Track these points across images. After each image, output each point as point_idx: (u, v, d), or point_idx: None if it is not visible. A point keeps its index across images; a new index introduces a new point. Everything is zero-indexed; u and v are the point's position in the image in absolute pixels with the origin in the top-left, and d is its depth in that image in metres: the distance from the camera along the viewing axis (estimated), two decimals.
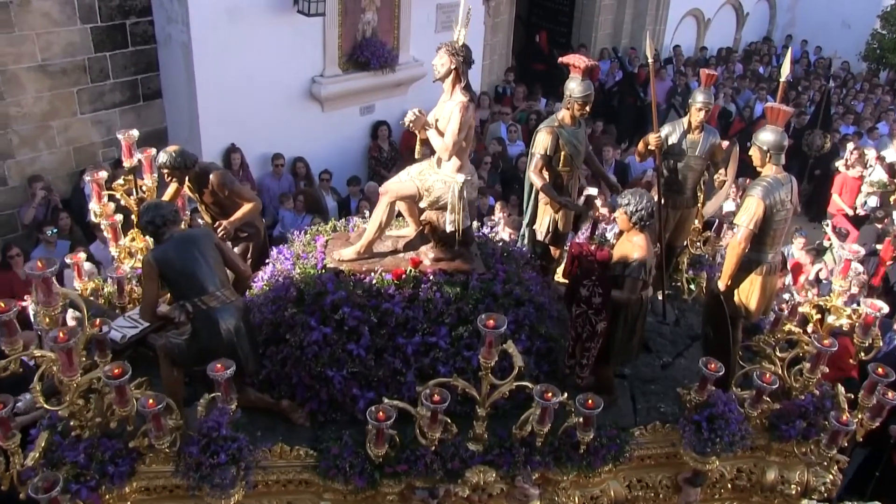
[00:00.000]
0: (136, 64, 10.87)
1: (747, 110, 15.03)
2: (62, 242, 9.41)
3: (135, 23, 10.66)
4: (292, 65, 11.60)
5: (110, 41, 10.51)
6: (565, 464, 5.12)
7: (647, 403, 5.61)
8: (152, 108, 11.27)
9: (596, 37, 17.06)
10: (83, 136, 10.64)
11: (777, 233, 5.37)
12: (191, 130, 11.15)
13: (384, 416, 4.64)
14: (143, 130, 11.09)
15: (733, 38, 20.51)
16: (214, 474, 4.51)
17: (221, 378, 4.50)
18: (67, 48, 10.15)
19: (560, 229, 6.00)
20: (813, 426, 5.31)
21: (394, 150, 12.93)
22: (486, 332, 4.55)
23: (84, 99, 10.52)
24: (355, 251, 5.37)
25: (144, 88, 11.08)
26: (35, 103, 10.11)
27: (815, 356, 5.23)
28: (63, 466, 4.55)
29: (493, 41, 14.41)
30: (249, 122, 11.31)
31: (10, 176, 10.20)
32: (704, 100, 6.05)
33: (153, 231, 4.81)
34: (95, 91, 10.60)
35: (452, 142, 5.04)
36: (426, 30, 13.03)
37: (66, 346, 4.32)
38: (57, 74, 10.17)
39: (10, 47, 9.68)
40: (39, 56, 9.95)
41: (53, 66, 10.11)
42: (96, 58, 10.46)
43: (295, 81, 11.82)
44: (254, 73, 11.06)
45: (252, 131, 11.41)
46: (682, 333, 6.31)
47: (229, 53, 10.73)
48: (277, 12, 11.04)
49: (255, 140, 11.54)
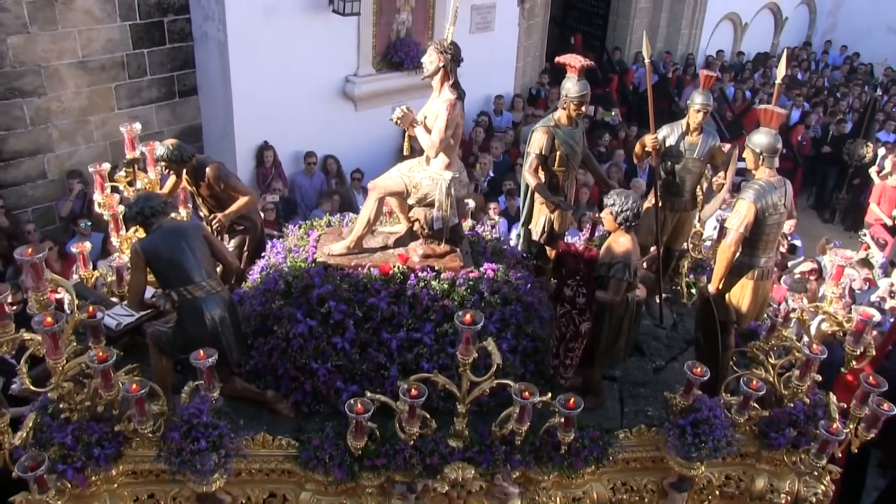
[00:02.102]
0: (173, 61, 11.05)
1: None
2: (97, 234, 9.59)
3: (172, 20, 10.83)
4: (326, 64, 11.70)
5: (148, 38, 10.70)
6: (546, 464, 5.05)
7: (636, 407, 5.51)
8: (188, 105, 11.44)
9: (630, 40, 16.85)
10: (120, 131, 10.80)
11: (770, 237, 5.23)
12: (225, 127, 11.30)
13: (362, 408, 4.63)
14: (178, 126, 11.46)
15: (770, 43, 20.07)
16: (195, 460, 4.54)
17: (203, 366, 4.54)
18: (107, 45, 10.36)
19: (556, 229, 5.92)
20: (803, 435, 5.17)
21: None
22: (463, 329, 4.51)
23: (122, 94, 10.72)
24: (345, 246, 5.38)
25: (180, 85, 11.25)
26: (74, 98, 10.34)
27: (804, 363, 5.07)
28: (51, 447, 4.62)
29: (528, 43, 14.32)
30: (283, 120, 11.42)
31: (50, 169, 10.43)
32: (703, 101, 5.92)
33: (142, 221, 4.88)
34: (133, 87, 10.80)
35: (439, 139, 5.02)
36: (461, 30, 12.83)
37: (50, 330, 4.41)
38: (96, 70, 10.39)
39: (53, 44, 9.91)
40: (80, 52, 10.17)
41: (93, 62, 10.32)
42: (134, 54, 10.66)
43: (329, 80, 11.93)
44: (288, 71, 11.18)
45: (285, 129, 11.52)
46: (678, 338, 6.18)
47: (264, 52, 10.85)
48: (313, 11, 11.16)
49: (288, 138, 11.64)
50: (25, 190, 10.28)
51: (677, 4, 16.98)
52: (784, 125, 14.29)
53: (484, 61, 13.43)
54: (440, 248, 5.36)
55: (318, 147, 11.91)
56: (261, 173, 11.52)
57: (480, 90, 13.83)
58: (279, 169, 11.69)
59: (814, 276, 8.86)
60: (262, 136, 11.46)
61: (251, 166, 11.57)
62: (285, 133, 11.55)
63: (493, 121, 13.68)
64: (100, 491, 4.85)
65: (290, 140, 11.72)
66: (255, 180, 11.54)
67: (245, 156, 11.48)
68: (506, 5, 13.45)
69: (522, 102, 14.25)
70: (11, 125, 9.91)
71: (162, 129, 11.18)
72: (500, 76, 14.21)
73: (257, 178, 11.53)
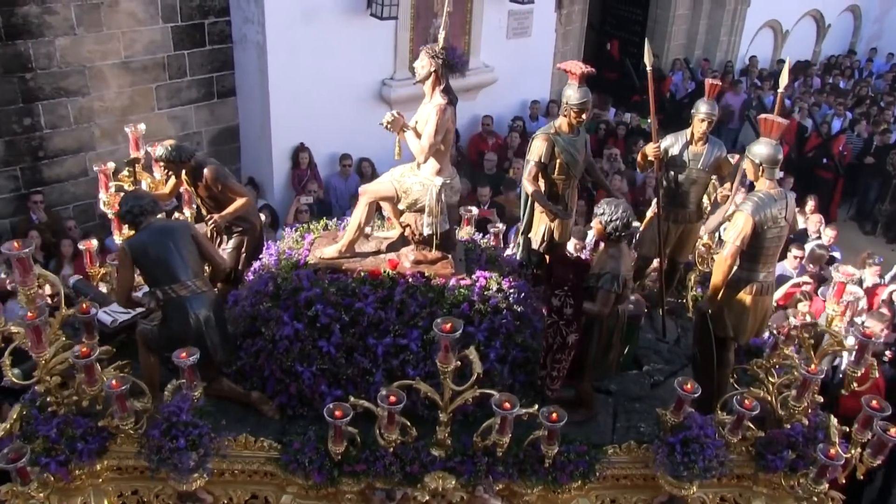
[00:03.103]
0: (213, 62, 11.04)
1: (824, 126, 14.10)
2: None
3: (213, 22, 10.82)
4: (363, 67, 11.57)
5: (189, 40, 10.69)
6: (530, 477, 4.83)
7: (628, 422, 5.24)
8: (226, 106, 11.41)
9: (668, 47, 16.40)
10: (160, 130, 10.80)
11: (770, 251, 4.93)
12: (262, 128, 11.26)
13: (342, 413, 4.49)
14: (216, 127, 11.46)
15: (812, 51, 19.32)
16: (173, 458, 4.46)
17: (184, 365, 4.47)
18: (149, 46, 10.39)
19: (556, 238, 5.69)
20: (802, 458, 4.86)
21: (460, 154, 12.72)
22: (441, 337, 4.32)
23: (162, 95, 10.74)
24: (336, 250, 5.23)
25: (219, 86, 11.23)
26: (117, 98, 10.39)
27: (801, 383, 4.76)
28: (36, 440, 4.58)
29: (564, 49, 14.02)
30: (319, 122, 11.32)
31: (91, 167, 10.46)
32: (707, 110, 5.63)
33: (131, 220, 4.83)
34: (173, 87, 10.81)
35: (428, 144, 4.84)
36: (497, 35, 12.82)
37: (32, 325, 4.37)
38: (138, 71, 10.42)
39: (97, 45, 9.98)
40: (123, 53, 10.21)
41: (135, 62, 10.36)
42: (175, 55, 10.65)
43: (365, 83, 11.78)
44: (325, 73, 11.08)
45: (321, 131, 11.42)
46: (680, 353, 5.89)
47: (302, 54, 10.77)
48: (351, 15, 11.05)
49: (324, 140, 11.55)
50: (67, 187, 10.38)
51: (716, 11, 16.45)
52: (826, 134, 13.86)
53: (520, 66, 13.26)
54: (432, 255, 5.18)
55: (353, 150, 11.79)
56: (296, 175, 11.46)
57: (516, 95, 13.62)
58: (315, 171, 11.61)
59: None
60: (299, 137, 11.39)
61: (287, 167, 11.52)
62: (321, 135, 11.46)
63: (528, 126, 13.43)
64: (84, 485, 4.80)
65: (325, 142, 11.63)
66: (290, 181, 11.51)
67: (281, 157, 11.43)
68: (543, 11, 13.19)
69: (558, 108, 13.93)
70: (56, 124, 10.01)
71: (200, 130, 11.21)
72: (536, 81, 13.94)
73: (292, 180, 11.48)
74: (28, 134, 9.84)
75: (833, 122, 14.28)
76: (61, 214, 10.22)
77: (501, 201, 10.68)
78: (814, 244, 9.74)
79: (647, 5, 16.49)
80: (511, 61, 12.94)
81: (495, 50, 12.64)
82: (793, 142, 13.80)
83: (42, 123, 9.90)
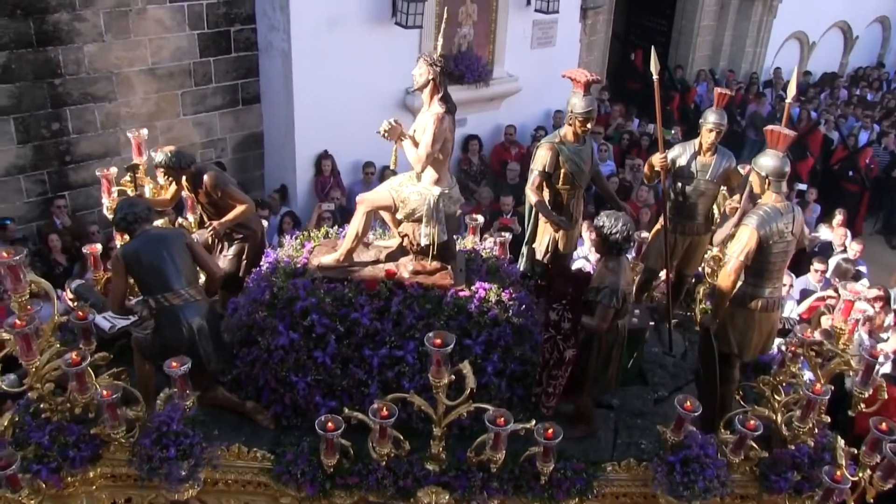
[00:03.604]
0: (238, 69, 11.01)
1: (851, 139, 13.70)
2: None
3: (239, 30, 10.80)
4: (387, 75, 11.38)
5: (215, 47, 10.68)
6: (525, 493, 4.64)
7: (629, 439, 5.03)
8: (251, 113, 11.38)
9: (693, 58, 16.14)
10: (185, 136, 10.82)
11: (776, 266, 4.70)
12: (286, 135, 11.20)
13: (333, 426, 4.35)
14: (240, 133, 11.43)
15: (839, 63, 18.86)
16: (163, 467, 4.36)
17: (175, 374, 4.35)
18: (175, 53, 10.39)
19: (560, 249, 5.49)
20: (807, 479, 4.61)
21: (484, 163, 12.57)
22: (433, 351, 4.16)
23: (187, 101, 10.73)
24: (335, 259, 5.08)
25: (244, 93, 11.20)
26: (143, 104, 10.39)
27: (806, 404, 4.51)
28: (28, 446, 4.49)
29: (588, 59, 13.81)
30: (343, 130, 11.19)
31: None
32: (716, 120, 5.41)
33: (125, 227, 4.74)
34: (198, 94, 10.80)
35: (426, 153, 4.68)
36: (522, 45, 12.64)
37: (21, 332, 4.28)
38: (164, 77, 10.42)
39: (125, 52, 10.00)
40: (150, 60, 10.22)
41: (162, 69, 10.36)
42: (201, 62, 10.66)
43: (389, 91, 11.63)
44: (350, 81, 10.97)
45: (345, 139, 11.29)
46: (686, 367, 5.65)
47: (327, 62, 10.69)
48: (375, 23, 10.96)
49: (347, 147, 11.43)
50: (92, 191, 10.34)
51: (742, 23, 16.16)
52: (853, 147, 13.47)
53: (544, 76, 13.00)
54: (430, 265, 5.01)
55: (376, 157, 11.63)
56: (319, 182, 11.38)
57: (540, 105, 13.40)
58: (338, 178, 11.51)
59: (879, 304, 8.12)
60: (322, 144, 11.30)
61: (310, 174, 11.44)
62: (345, 142, 11.34)
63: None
64: (78, 492, 4.69)
65: (349, 150, 11.51)
66: (313, 188, 11.43)
67: (305, 164, 11.36)
68: (567, 21, 12.98)
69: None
70: (83, 129, 10.04)
71: (224, 136, 11.20)
72: (560, 91, 13.50)
73: (316, 187, 11.40)
74: (56, 139, 9.88)
75: (860, 135, 13.88)
76: (86, 219, 10.22)
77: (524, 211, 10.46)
78: (839, 258, 9.42)
79: (672, 16, 16.26)
80: (535, 71, 12.75)
81: (519, 59, 12.46)
82: (819, 154, 13.44)
83: (69, 128, 9.94)
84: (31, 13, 9.19)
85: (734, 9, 16.14)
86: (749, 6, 16.10)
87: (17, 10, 9.08)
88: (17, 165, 9.69)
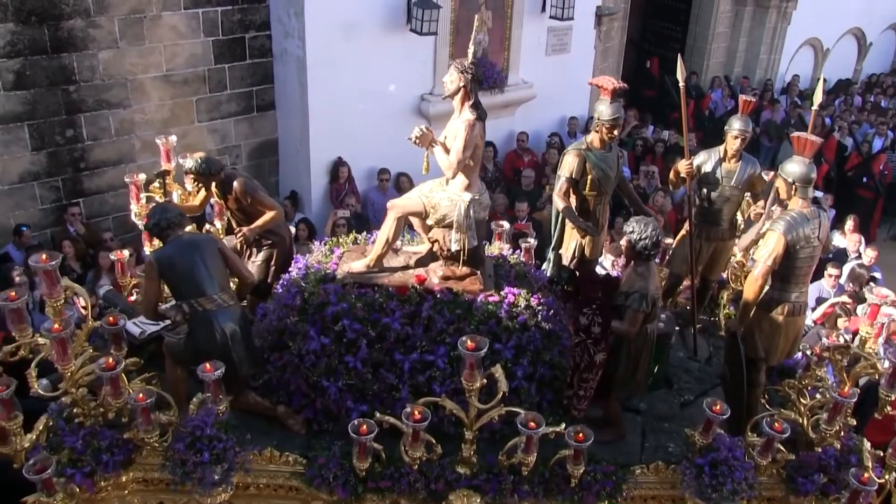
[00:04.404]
0: (253, 76, 11.13)
1: (865, 145, 13.82)
2: None
3: (253, 37, 10.92)
4: (402, 82, 11.57)
5: (230, 54, 10.81)
6: (556, 496, 4.75)
7: (657, 442, 5.14)
8: (265, 119, 11.50)
9: (708, 65, 16.29)
10: (199, 143, 10.92)
11: (802, 271, 4.82)
12: (301, 142, 11.31)
13: (366, 430, 4.45)
14: (255, 140, 11.55)
15: (853, 70, 19.00)
16: (197, 471, 4.46)
17: (209, 379, 4.46)
18: (190, 59, 10.51)
19: (587, 255, 5.61)
20: (834, 482, 4.72)
21: (498, 170, 12.67)
22: (466, 355, 4.28)
23: (202, 108, 10.85)
24: (365, 264, 5.20)
25: (259, 100, 11.31)
26: (157, 111, 10.51)
27: (832, 407, 4.62)
28: (62, 451, 4.59)
29: (603, 66, 13.93)
30: (358, 137, 11.33)
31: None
32: (741, 127, 5.53)
33: (158, 233, 4.84)
34: (213, 101, 10.92)
35: (457, 160, 4.79)
36: (537, 52, 12.77)
37: (58, 337, 4.39)
38: (179, 84, 10.54)
39: (140, 58, 10.12)
40: (164, 66, 10.34)
41: (176, 76, 10.48)
42: (216, 69, 10.77)
43: (404, 98, 11.78)
44: (365, 88, 11.11)
45: (360, 145, 11.42)
46: (711, 372, 5.77)
47: (342, 69, 10.81)
48: (390, 30, 11.07)
49: (362, 154, 11.55)
50: (107, 198, 10.50)
51: (756, 29, 16.34)
52: (867, 153, 13.58)
53: (559, 83, 13.17)
54: (460, 270, 5.13)
55: (391, 164, 11.77)
56: (334, 189, 11.49)
57: (555, 111, 13.55)
58: (353, 185, 11.61)
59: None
60: (337, 151, 11.42)
61: (325, 181, 11.55)
62: (360, 149, 11.47)
63: (565, 142, 13.34)
64: (110, 496, 4.79)
65: (364, 156, 11.63)
66: (328, 195, 11.54)
67: (320, 171, 11.46)
68: (582, 27, 13.12)
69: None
70: (98, 136, 10.16)
71: (239, 143, 11.31)
72: (574, 98, 13.85)
73: (330, 194, 11.51)
74: (70, 145, 9.99)
75: (874, 142, 14.00)
76: (101, 226, 10.34)
77: (539, 217, 10.60)
78: (854, 263, 9.53)
79: (686, 23, 16.42)
80: (550, 78, 12.89)
81: (534, 66, 12.59)
82: (833, 161, 13.55)
83: (84, 135, 10.05)
84: (46, 20, 9.32)
85: (749, 15, 16.32)
86: (763, 13, 16.28)
87: (31, 17, 9.20)
88: (31, 172, 9.80)
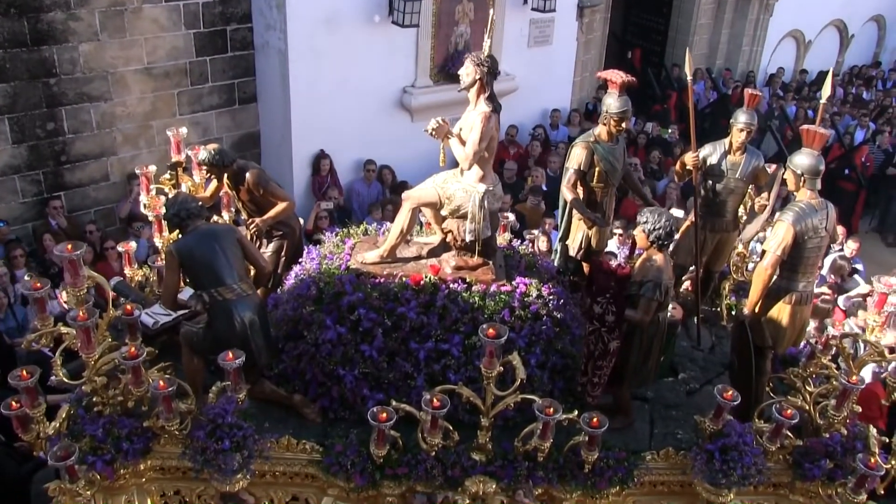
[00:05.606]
0: (234, 69, 11.27)
1: (847, 137, 14.24)
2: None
3: (235, 29, 11.06)
4: (384, 74, 11.78)
5: (211, 46, 10.93)
6: (569, 482, 4.97)
7: (666, 429, 5.39)
8: (247, 112, 11.65)
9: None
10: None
11: (810, 261, 5.08)
12: (283, 135, 11.46)
13: (386, 416, 4.62)
14: (237, 133, 11.66)
15: (835, 61, 19.47)
16: (218, 459, 4.60)
17: (230, 367, 4.60)
18: (171, 52, 10.63)
19: (593, 246, 5.84)
20: (840, 467, 4.97)
21: None
22: (487, 342, 4.47)
23: (184, 101, 10.97)
24: (378, 255, 5.38)
25: (240, 92, 11.46)
26: (139, 104, 10.62)
27: (840, 393, 4.89)
28: (83, 439, 4.72)
29: (586, 58, 14.22)
30: (340, 129, 11.52)
31: (113, 172, 10.71)
32: (746, 120, 5.79)
33: (177, 223, 4.98)
34: (194, 93, 11.04)
35: (473, 151, 4.99)
36: (519, 44, 13.02)
37: (84, 325, 4.52)
38: (160, 77, 10.66)
39: (121, 51, 10.21)
40: (146, 59, 10.45)
41: (157, 69, 10.60)
42: (197, 62, 10.91)
43: (386, 91, 12.00)
44: (346, 81, 11.32)
45: (342, 138, 11.61)
46: (715, 361, 6.03)
47: (324, 61, 11.01)
48: (372, 23, 11.25)
49: (344, 147, 11.76)
50: (89, 191, 10.58)
51: (738, 21, 16.71)
52: (848, 145, 13.98)
53: (541, 75, 13.42)
54: (473, 261, 5.33)
55: (373, 157, 11.99)
56: (316, 181, 11.66)
57: (537, 104, 13.81)
58: (335, 177, 11.80)
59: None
60: (319, 144, 11.60)
61: (307, 174, 11.72)
62: (342, 142, 11.66)
63: (549, 135, 13.60)
64: (128, 484, 4.94)
65: (346, 149, 11.83)
66: (310, 188, 11.69)
67: (302, 163, 11.64)
68: (564, 19, 13.38)
69: (579, 117, 14.14)
70: (79, 129, 10.24)
71: (221, 136, 11.40)
72: (557, 90, 14.12)
73: (313, 186, 11.67)
74: (51, 139, 10.08)
75: (856, 133, 14.42)
76: (82, 219, 10.40)
77: (521, 209, 10.83)
78: (836, 255, 9.87)
79: (668, 15, 16.72)
80: (532, 70, 13.12)
81: (516, 58, 12.80)
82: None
83: (65, 128, 10.14)
84: (26, 12, 9.38)
85: (731, 7, 16.65)
86: (746, 5, 16.63)
87: (11, 9, 9.26)
88: (12, 165, 9.87)
